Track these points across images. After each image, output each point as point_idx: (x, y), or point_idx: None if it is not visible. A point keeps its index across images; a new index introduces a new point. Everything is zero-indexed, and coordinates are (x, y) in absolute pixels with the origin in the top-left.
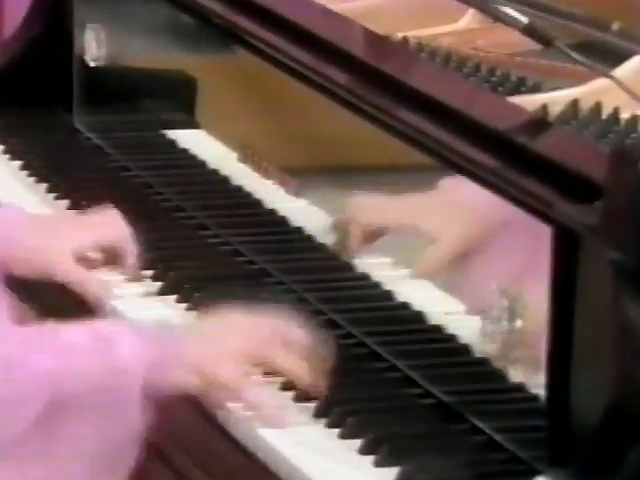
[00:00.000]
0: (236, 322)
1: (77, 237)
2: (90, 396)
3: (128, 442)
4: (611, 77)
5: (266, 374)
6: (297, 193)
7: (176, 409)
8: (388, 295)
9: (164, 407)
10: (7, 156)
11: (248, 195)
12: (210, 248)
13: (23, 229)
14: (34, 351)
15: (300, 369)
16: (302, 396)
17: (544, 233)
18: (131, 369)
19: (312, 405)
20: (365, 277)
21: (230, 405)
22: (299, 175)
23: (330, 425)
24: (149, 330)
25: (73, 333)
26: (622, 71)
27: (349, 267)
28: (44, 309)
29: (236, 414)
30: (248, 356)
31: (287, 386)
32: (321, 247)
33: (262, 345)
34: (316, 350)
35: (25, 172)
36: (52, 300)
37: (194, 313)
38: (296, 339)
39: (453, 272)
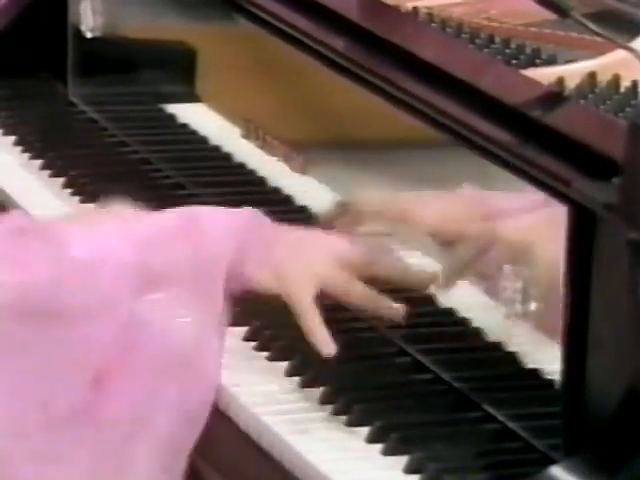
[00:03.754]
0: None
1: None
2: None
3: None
4: (629, 49)
5: None
6: (303, 170)
7: None
8: None
9: None
10: (0, 131)
11: (252, 172)
12: None
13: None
14: (119, 243)
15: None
16: (308, 382)
17: (560, 212)
18: (218, 250)
19: (318, 391)
20: None
21: (235, 390)
22: (305, 151)
23: (337, 412)
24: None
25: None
26: None
27: None
28: None
29: (239, 400)
30: (329, 277)
31: (293, 372)
32: (326, 227)
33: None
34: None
35: (19, 148)
36: None
37: None
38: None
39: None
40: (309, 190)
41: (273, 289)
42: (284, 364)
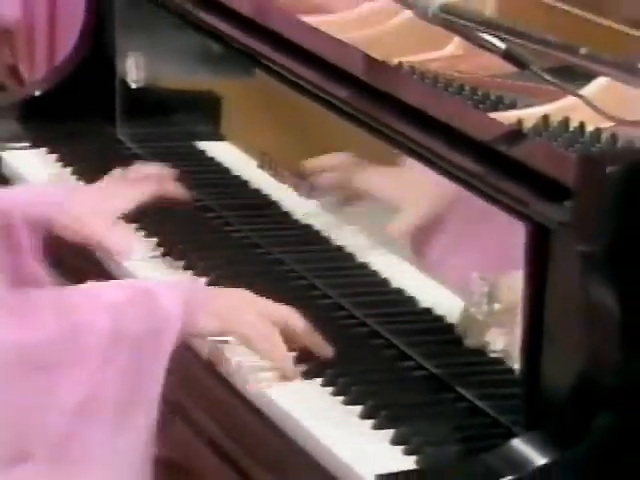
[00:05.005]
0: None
1: (116, 201)
2: (136, 342)
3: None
4: (579, 96)
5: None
6: (308, 195)
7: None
8: (385, 282)
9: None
10: (60, 163)
11: (266, 196)
12: (232, 241)
13: (71, 199)
14: (88, 311)
15: (310, 337)
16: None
17: (520, 229)
18: (171, 314)
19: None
20: (364, 266)
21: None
22: (310, 179)
23: (336, 393)
24: (181, 283)
25: (116, 290)
26: (589, 90)
27: (351, 258)
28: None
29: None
30: (265, 315)
31: (301, 358)
32: (327, 241)
33: (278, 311)
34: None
35: (75, 177)
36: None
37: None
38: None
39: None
40: (313, 212)
41: (217, 328)
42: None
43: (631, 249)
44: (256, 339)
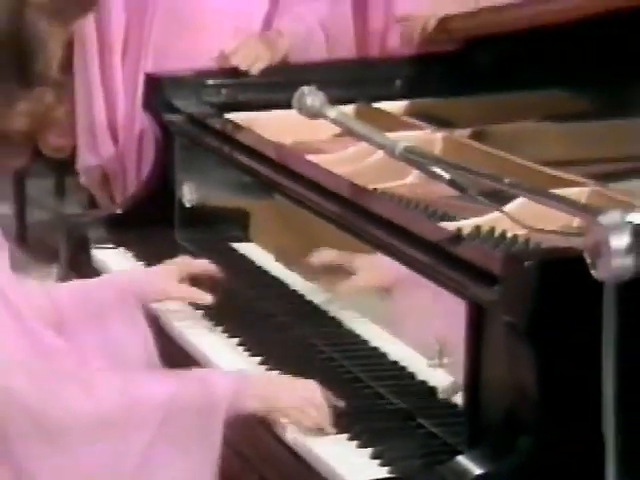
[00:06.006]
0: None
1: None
2: (190, 416)
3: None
4: (502, 211)
5: None
6: (311, 279)
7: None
8: (364, 342)
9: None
10: (134, 258)
11: (281, 282)
12: (253, 311)
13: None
14: (150, 389)
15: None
16: None
17: (462, 305)
18: (221, 399)
19: None
20: (350, 331)
21: None
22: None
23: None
24: (235, 372)
25: (177, 376)
26: (509, 207)
27: (341, 324)
28: None
29: None
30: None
31: None
32: (325, 314)
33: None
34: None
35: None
36: None
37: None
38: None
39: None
40: (315, 292)
41: (259, 409)
42: None
43: (543, 320)
44: (290, 413)
